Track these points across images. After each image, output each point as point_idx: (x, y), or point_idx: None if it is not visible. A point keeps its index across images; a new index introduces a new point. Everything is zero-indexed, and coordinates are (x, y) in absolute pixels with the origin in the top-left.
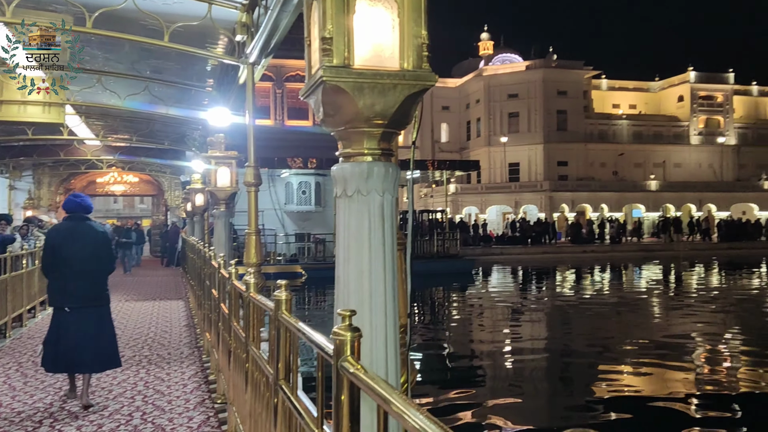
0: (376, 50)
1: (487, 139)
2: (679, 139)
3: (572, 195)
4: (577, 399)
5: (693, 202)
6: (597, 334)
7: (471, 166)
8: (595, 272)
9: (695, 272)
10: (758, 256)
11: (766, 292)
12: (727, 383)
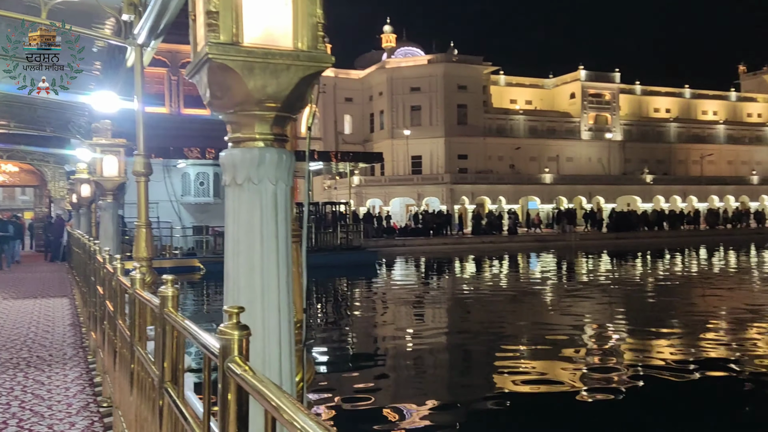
0: (267, 28)
1: (391, 131)
2: (571, 135)
3: (472, 187)
4: (477, 387)
5: (583, 195)
6: (496, 322)
7: (374, 159)
8: (494, 262)
9: (586, 261)
10: (642, 245)
11: (648, 278)
12: (613, 363)
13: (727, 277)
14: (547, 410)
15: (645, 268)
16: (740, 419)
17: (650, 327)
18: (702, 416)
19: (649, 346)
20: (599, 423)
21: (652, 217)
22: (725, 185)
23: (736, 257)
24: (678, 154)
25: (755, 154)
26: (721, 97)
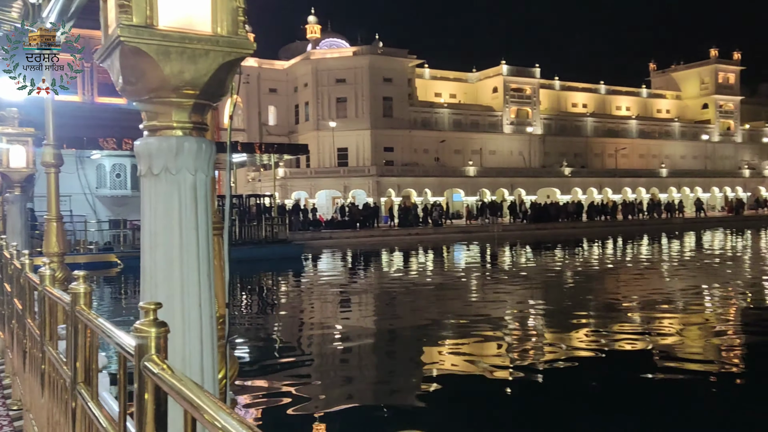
0: (185, 11)
1: (316, 123)
2: (493, 128)
3: (398, 180)
4: (403, 377)
5: (506, 187)
6: (421, 312)
7: (300, 150)
8: (420, 253)
9: (508, 251)
10: (561, 235)
11: (566, 267)
12: (535, 351)
13: (639, 264)
14: (472, 397)
15: (563, 257)
16: (653, 404)
17: (569, 313)
18: (620, 401)
19: (568, 332)
20: (522, 409)
21: (570, 209)
22: (637, 178)
23: (648, 246)
24: (594, 147)
25: (664, 148)
26: (634, 93)
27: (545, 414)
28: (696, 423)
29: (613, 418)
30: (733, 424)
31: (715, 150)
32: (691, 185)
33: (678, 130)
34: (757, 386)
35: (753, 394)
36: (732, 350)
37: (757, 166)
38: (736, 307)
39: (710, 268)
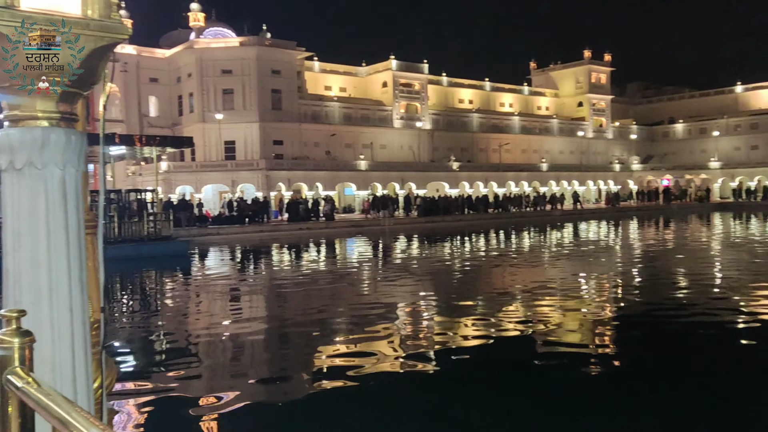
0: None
1: (202, 115)
2: (384, 122)
3: (288, 174)
4: (296, 373)
5: (396, 181)
6: (315, 308)
7: (184, 143)
8: (311, 248)
9: (400, 244)
10: (450, 228)
11: (455, 258)
12: (427, 341)
13: (523, 255)
14: (365, 389)
15: (452, 249)
16: (539, 392)
17: (457, 303)
18: (508, 386)
19: (457, 321)
20: (415, 398)
21: (460, 202)
22: (520, 172)
23: (531, 237)
24: (480, 142)
25: (544, 144)
26: (516, 91)
27: (438, 402)
28: (579, 401)
29: (504, 402)
30: (612, 401)
31: (590, 146)
32: (568, 179)
33: (556, 127)
34: (629, 366)
35: (626, 373)
36: (608, 333)
37: (626, 161)
38: (610, 292)
39: (588, 257)
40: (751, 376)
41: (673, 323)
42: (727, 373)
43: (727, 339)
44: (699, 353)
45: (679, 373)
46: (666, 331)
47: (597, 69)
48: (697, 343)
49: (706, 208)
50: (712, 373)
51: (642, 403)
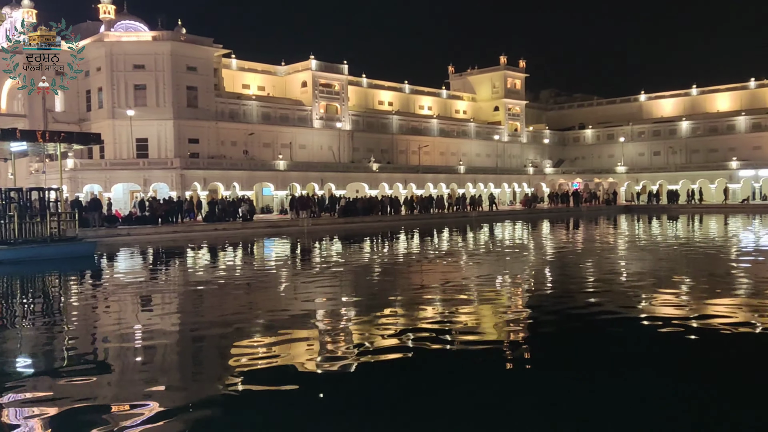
0: None
1: (111, 111)
2: (303, 122)
3: (204, 173)
4: (211, 378)
5: (316, 182)
6: (231, 310)
7: (91, 140)
8: (228, 250)
9: (319, 245)
10: (369, 229)
11: (373, 259)
12: (344, 342)
13: (441, 255)
14: (281, 392)
15: (371, 250)
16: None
17: (376, 303)
18: (424, 385)
19: (376, 322)
20: (333, 400)
21: (386, 203)
22: (438, 174)
23: (449, 238)
24: (399, 144)
25: (462, 147)
26: (435, 94)
27: (356, 404)
28: (496, 397)
29: (420, 401)
30: (527, 392)
31: (505, 149)
32: (485, 181)
33: (473, 130)
34: (539, 359)
35: (538, 366)
36: (521, 330)
37: (539, 165)
38: (523, 290)
39: (503, 257)
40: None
41: (580, 319)
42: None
43: (628, 334)
44: (602, 347)
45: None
46: (574, 327)
47: (512, 75)
48: (600, 337)
49: (613, 210)
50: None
51: (556, 393)
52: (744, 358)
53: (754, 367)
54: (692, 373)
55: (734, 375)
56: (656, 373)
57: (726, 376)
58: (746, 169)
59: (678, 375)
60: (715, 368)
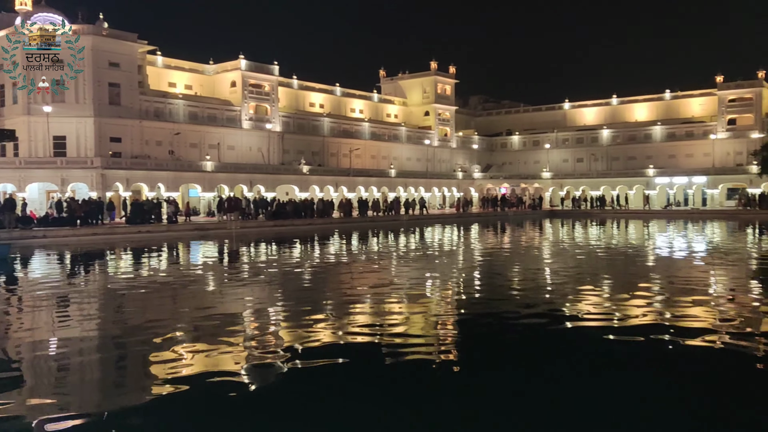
0: None
1: (26, 107)
2: (232, 123)
3: (127, 173)
4: (133, 385)
5: (244, 183)
6: (154, 315)
7: (5, 136)
8: (152, 252)
9: (247, 248)
10: (300, 232)
11: (304, 262)
12: (274, 347)
13: (371, 258)
14: (206, 397)
15: (301, 253)
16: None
17: (305, 307)
18: (360, 391)
19: (305, 326)
20: (262, 408)
21: (320, 206)
22: (370, 177)
23: (379, 241)
24: (331, 147)
25: (393, 150)
26: (366, 97)
27: (285, 410)
28: (434, 398)
29: (360, 406)
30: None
31: (435, 154)
32: (415, 185)
33: (404, 134)
34: (470, 361)
35: (462, 365)
36: (452, 332)
37: (468, 170)
38: (454, 292)
39: (433, 259)
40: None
41: (505, 320)
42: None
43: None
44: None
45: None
46: (501, 328)
47: (443, 80)
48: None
49: (539, 214)
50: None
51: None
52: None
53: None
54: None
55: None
56: (569, 368)
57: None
58: (662, 177)
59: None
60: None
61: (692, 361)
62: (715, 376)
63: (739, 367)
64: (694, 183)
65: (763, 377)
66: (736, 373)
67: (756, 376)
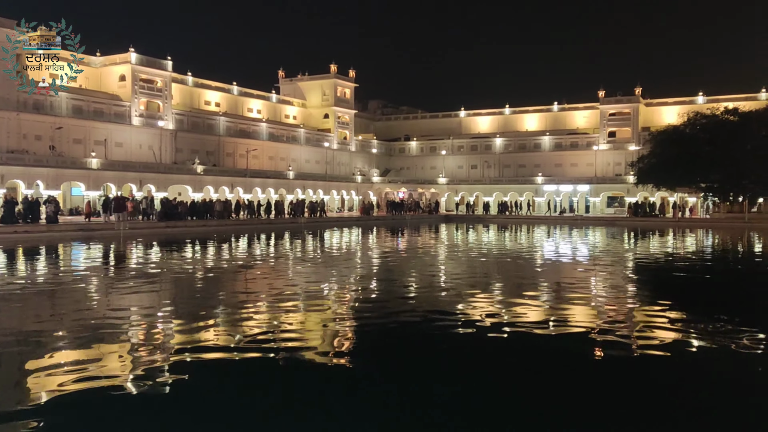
0: None
1: None
2: (120, 119)
3: (3, 169)
4: (10, 397)
5: (134, 182)
6: (28, 322)
7: None
8: (27, 254)
9: (135, 250)
10: (192, 233)
11: (197, 265)
12: (161, 354)
13: (267, 261)
14: (90, 407)
15: (194, 256)
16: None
17: (197, 312)
18: (254, 395)
19: (196, 331)
20: (150, 415)
21: (219, 207)
22: (267, 178)
23: (275, 244)
24: (227, 147)
25: (291, 152)
26: (264, 97)
27: (175, 418)
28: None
29: (263, 414)
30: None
31: (334, 156)
32: (314, 188)
33: (303, 136)
34: (365, 363)
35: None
36: (348, 334)
37: (367, 173)
38: (349, 296)
39: (329, 263)
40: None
41: (400, 323)
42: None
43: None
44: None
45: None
46: (397, 330)
47: (342, 84)
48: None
49: (435, 219)
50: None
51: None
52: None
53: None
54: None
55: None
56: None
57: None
58: (549, 185)
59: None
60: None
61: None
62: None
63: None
64: (579, 191)
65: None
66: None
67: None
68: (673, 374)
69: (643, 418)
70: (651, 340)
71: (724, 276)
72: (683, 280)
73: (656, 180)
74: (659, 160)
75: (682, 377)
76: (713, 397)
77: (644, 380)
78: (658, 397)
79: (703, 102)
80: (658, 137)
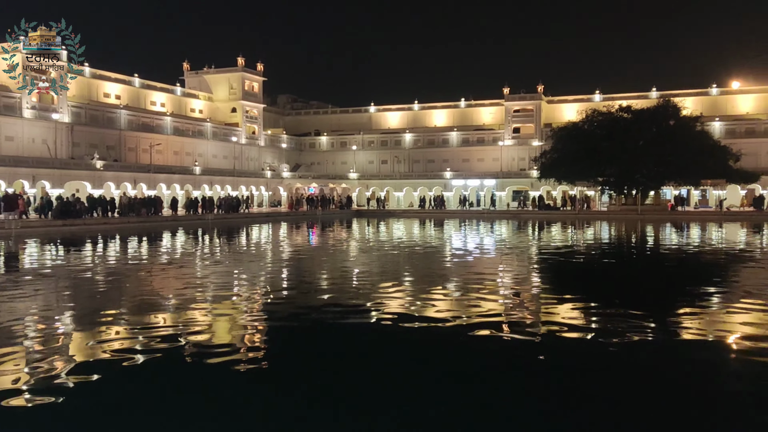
0: None
1: None
2: (10, 111)
3: None
4: None
5: (26, 178)
6: None
7: None
8: None
9: (30, 250)
10: (92, 231)
11: (96, 265)
12: (60, 358)
13: (175, 260)
14: None
15: (94, 255)
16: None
17: (99, 314)
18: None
19: (97, 335)
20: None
21: (127, 204)
22: (172, 174)
23: (182, 242)
24: (128, 141)
25: (198, 147)
26: (168, 90)
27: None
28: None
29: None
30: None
31: (243, 151)
32: (221, 183)
33: (210, 131)
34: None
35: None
36: (258, 333)
37: (277, 169)
38: (260, 294)
39: (230, 260)
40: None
41: (312, 319)
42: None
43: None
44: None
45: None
46: (311, 327)
47: (250, 77)
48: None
49: (346, 214)
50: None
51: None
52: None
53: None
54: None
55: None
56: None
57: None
58: (457, 179)
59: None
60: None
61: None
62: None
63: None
64: (485, 185)
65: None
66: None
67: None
68: (576, 358)
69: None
70: (552, 326)
71: (619, 262)
72: (581, 266)
73: (558, 174)
74: (560, 156)
75: (583, 362)
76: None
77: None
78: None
79: (600, 100)
80: (559, 133)
